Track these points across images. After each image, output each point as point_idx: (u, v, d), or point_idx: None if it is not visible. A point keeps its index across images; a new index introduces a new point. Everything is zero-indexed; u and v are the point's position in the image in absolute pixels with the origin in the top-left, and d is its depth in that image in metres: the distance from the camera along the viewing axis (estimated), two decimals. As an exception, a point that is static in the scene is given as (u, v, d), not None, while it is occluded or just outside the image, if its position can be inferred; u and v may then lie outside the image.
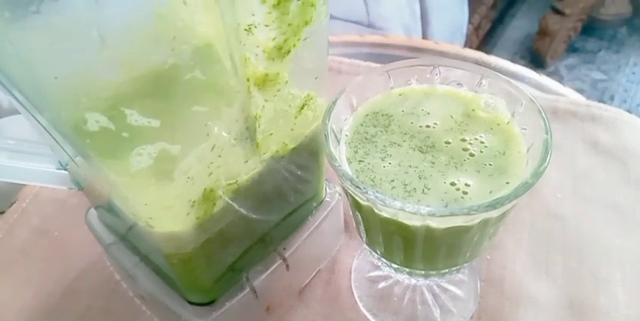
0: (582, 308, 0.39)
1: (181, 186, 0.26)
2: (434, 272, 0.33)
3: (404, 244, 0.30)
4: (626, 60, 1.66)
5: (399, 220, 0.27)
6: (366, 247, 0.34)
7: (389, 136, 0.30)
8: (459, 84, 0.32)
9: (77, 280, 0.42)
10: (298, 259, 0.39)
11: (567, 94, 0.58)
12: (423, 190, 0.28)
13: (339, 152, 0.30)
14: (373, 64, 0.58)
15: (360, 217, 0.31)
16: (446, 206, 0.27)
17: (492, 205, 0.25)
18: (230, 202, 0.30)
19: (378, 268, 0.41)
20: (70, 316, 0.40)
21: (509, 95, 0.31)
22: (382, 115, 0.31)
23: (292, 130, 0.31)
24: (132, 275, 0.37)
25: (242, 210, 0.32)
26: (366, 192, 0.26)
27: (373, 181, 0.28)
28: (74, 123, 0.22)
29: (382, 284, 0.42)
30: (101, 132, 0.22)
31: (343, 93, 0.31)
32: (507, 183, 0.28)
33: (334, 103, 0.30)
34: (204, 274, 0.33)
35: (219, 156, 0.27)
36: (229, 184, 0.29)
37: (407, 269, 0.32)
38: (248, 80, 0.26)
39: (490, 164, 0.29)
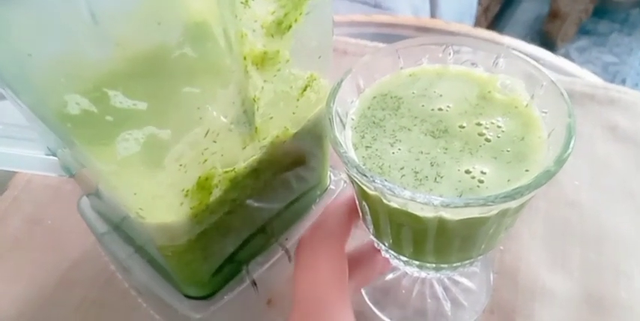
0: (601, 303, 0.37)
1: (173, 174, 0.24)
2: (446, 265, 0.31)
3: (414, 236, 0.28)
4: (639, 42, 1.62)
5: (410, 210, 0.25)
6: (373, 238, 0.31)
7: (398, 120, 0.28)
8: (473, 64, 0.30)
9: (71, 271, 0.41)
10: (301, 251, 0.37)
11: (583, 76, 0.56)
12: (436, 179, 0.26)
13: (345, 137, 0.28)
14: (380, 45, 0.56)
15: (367, 208, 0.29)
16: (460, 196, 0.25)
17: (511, 196, 0.23)
18: (227, 191, 0.28)
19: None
20: (64, 308, 0.38)
21: (528, 76, 0.28)
22: (391, 97, 0.29)
23: (294, 113, 0.29)
24: (126, 267, 0.35)
25: (240, 199, 0.30)
26: (374, 180, 0.24)
27: (381, 169, 0.26)
28: (54, 106, 0.20)
29: (390, 276, 0.40)
30: (83, 115, 0.20)
31: (349, 73, 0.28)
32: (527, 171, 0.25)
33: (339, 84, 0.28)
34: (200, 267, 0.31)
35: (215, 142, 0.25)
36: (226, 172, 0.27)
37: (417, 262, 0.31)
38: (245, 59, 0.24)
39: (508, 150, 0.26)
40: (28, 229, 0.43)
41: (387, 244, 0.31)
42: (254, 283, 0.35)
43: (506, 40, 0.58)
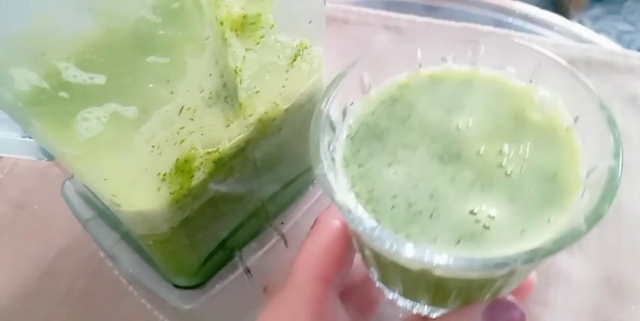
0: (620, 287, 0.35)
1: (145, 157, 0.22)
2: (442, 310, 0.26)
3: (404, 283, 0.24)
4: (655, 9, 1.56)
5: (396, 258, 0.21)
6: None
7: (404, 135, 0.23)
8: (506, 68, 0.24)
9: (58, 259, 0.38)
10: (297, 235, 0.34)
11: (601, 43, 0.52)
12: (431, 215, 0.20)
13: (335, 150, 0.22)
14: (384, 13, 0.52)
15: (355, 242, 0.25)
16: (458, 243, 0.20)
17: (523, 260, 0.18)
18: (211, 173, 0.26)
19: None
20: (50, 298, 0.36)
21: (571, 92, 0.22)
22: (402, 102, 0.24)
23: (283, 87, 0.26)
24: (112, 255, 0.33)
25: (227, 183, 0.27)
26: (352, 220, 0.19)
27: (371, 194, 0.21)
28: (1, 82, 0.18)
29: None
30: (34, 92, 0.18)
31: (354, 67, 0.23)
32: (549, 222, 0.20)
33: (339, 79, 0.23)
34: (187, 256, 0.29)
35: (192, 119, 0.22)
36: (209, 153, 0.25)
37: (411, 301, 0.26)
38: (222, 24, 0.21)
39: (531, 192, 0.21)
40: (14, 215, 0.41)
41: (376, 276, 0.26)
42: (248, 271, 0.32)
43: (518, 5, 0.54)
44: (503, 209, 0.20)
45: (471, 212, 0.20)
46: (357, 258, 0.26)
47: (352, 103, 0.23)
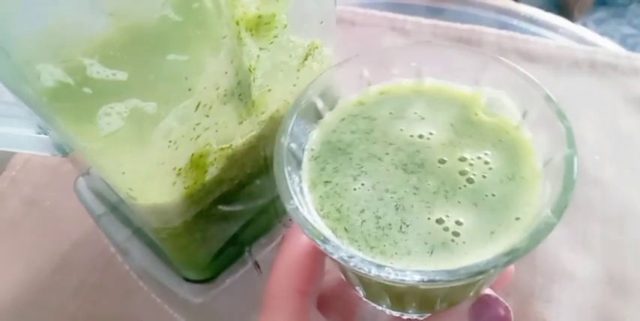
0: (624, 284, 0.35)
1: (162, 152, 0.22)
2: (429, 314, 0.26)
3: (391, 298, 0.24)
4: (659, 13, 1.56)
5: (378, 279, 0.20)
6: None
7: (369, 146, 0.23)
8: (452, 74, 0.24)
9: (70, 254, 0.39)
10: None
11: (605, 46, 0.53)
12: (401, 227, 0.20)
13: (300, 178, 0.22)
14: (391, 15, 0.53)
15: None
16: (431, 253, 0.20)
17: (504, 262, 0.18)
18: (224, 169, 0.26)
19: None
20: (63, 291, 0.37)
21: (518, 89, 0.23)
22: (363, 117, 0.24)
23: (295, 85, 0.27)
24: (124, 249, 0.34)
25: (239, 178, 0.28)
26: (328, 250, 0.19)
27: (339, 212, 0.21)
28: (26, 78, 0.18)
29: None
30: (58, 88, 0.19)
31: (305, 95, 0.23)
32: (518, 219, 0.20)
33: (294, 110, 0.23)
34: (199, 250, 0.30)
35: (207, 116, 0.23)
36: (222, 149, 0.25)
37: (397, 312, 0.26)
38: (238, 24, 0.22)
39: (493, 194, 0.21)
40: (26, 211, 0.42)
41: (362, 294, 0.26)
42: (257, 266, 0.33)
43: (522, 8, 0.55)
44: (469, 215, 0.21)
45: (439, 221, 0.21)
46: (329, 264, 0.26)
47: (310, 130, 0.24)
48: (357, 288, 0.25)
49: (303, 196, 0.22)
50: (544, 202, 0.20)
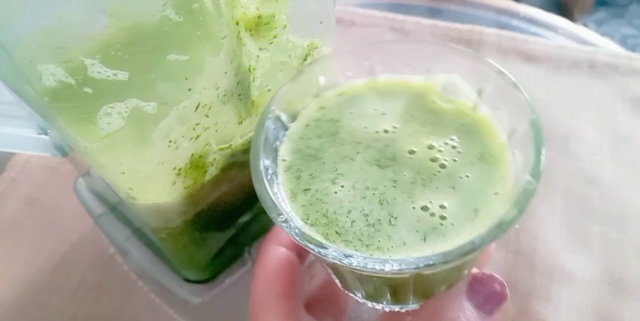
0: (623, 284, 0.35)
1: (162, 151, 0.22)
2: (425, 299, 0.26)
3: (393, 292, 0.24)
4: (659, 14, 1.56)
5: (383, 274, 0.21)
6: (343, 289, 0.26)
7: (339, 149, 0.23)
8: (405, 67, 0.25)
9: (69, 254, 0.39)
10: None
11: (605, 46, 0.53)
12: (390, 221, 0.21)
13: (279, 191, 0.23)
14: (390, 15, 0.53)
15: (329, 269, 0.25)
16: (424, 240, 0.20)
17: (487, 238, 0.19)
18: (224, 169, 0.26)
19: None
20: (62, 292, 0.37)
21: (470, 70, 0.23)
22: (326, 120, 0.24)
23: (294, 85, 0.27)
24: (124, 249, 0.34)
25: (239, 178, 0.28)
26: (325, 256, 0.19)
27: (326, 217, 0.21)
28: (27, 78, 0.18)
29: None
30: (60, 88, 0.19)
31: (268, 111, 0.23)
32: (496, 193, 0.21)
33: (260, 128, 0.23)
34: (199, 250, 0.30)
35: (207, 116, 0.23)
36: (222, 149, 0.26)
37: (397, 307, 0.27)
38: (237, 24, 0.22)
39: (467, 176, 0.22)
40: (26, 211, 0.42)
41: (360, 296, 0.26)
42: (257, 266, 0.33)
43: (523, 8, 0.55)
44: (450, 198, 0.21)
45: (423, 208, 0.21)
46: (315, 268, 0.26)
47: (279, 144, 0.24)
48: (354, 291, 0.25)
49: (287, 208, 0.22)
50: (517, 172, 0.21)
